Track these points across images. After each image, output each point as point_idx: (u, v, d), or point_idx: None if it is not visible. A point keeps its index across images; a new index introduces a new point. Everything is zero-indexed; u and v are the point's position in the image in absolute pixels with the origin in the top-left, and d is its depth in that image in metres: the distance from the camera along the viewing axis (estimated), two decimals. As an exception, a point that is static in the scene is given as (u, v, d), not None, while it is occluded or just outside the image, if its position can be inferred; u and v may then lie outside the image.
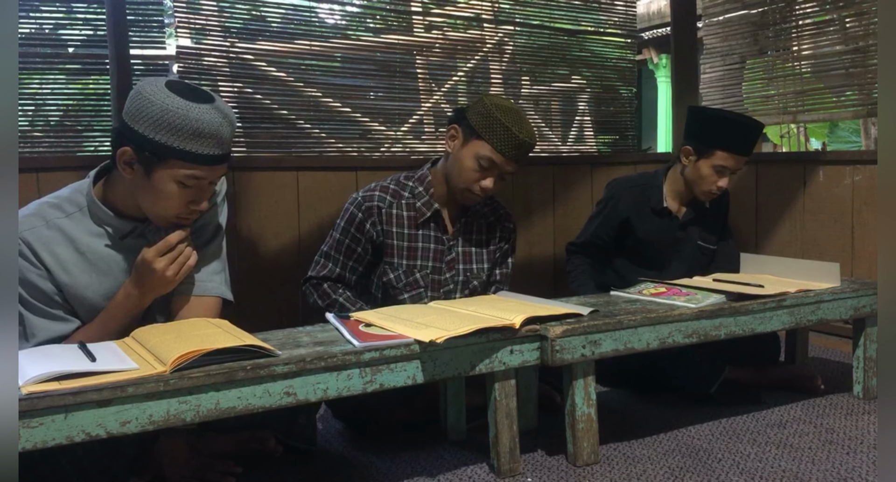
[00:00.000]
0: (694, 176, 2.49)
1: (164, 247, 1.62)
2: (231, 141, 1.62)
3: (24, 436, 1.28)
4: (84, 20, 2.72)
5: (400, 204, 2.14)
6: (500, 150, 2.01)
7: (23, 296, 1.60)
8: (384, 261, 2.13)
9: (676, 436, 2.05)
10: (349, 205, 2.15)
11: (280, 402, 1.49)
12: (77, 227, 1.65)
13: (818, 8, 3.33)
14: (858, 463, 1.83)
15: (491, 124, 2.01)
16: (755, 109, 3.58)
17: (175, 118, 1.51)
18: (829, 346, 3.00)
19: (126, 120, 1.56)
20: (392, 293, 2.14)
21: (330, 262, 2.14)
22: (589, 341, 1.80)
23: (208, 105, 1.55)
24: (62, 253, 1.62)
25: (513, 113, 2.04)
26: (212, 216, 1.78)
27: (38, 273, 1.60)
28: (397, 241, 2.12)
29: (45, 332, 1.62)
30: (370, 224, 2.10)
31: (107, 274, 1.66)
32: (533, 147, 2.07)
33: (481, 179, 2.05)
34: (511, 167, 2.06)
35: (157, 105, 1.51)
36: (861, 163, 3.04)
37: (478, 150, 2.03)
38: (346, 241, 2.12)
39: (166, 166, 1.55)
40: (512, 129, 1.99)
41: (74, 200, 1.67)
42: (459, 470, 1.84)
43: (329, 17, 3.36)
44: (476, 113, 2.05)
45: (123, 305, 1.65)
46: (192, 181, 1.58)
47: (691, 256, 2.60)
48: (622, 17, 3.78)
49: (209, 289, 1.76)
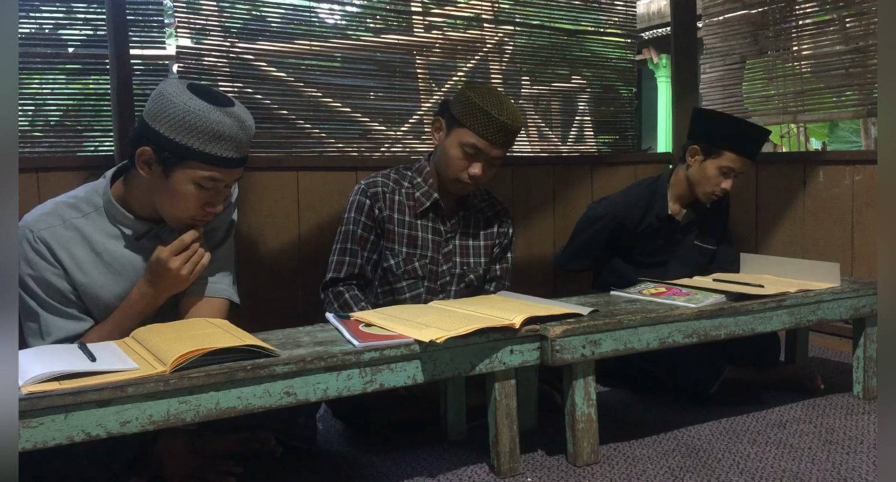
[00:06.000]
0: (699, 176, 2.49)
1: (178, 246, 1.64)
2: (249, 145, 1.65)
3: (24, 436, 1.28)
4: (84, 20, 2.72)
5: (401, 191, 2.14)
6: (482, 135, 2.00)
7: (39, 294, 1.62)
8: (385, 246, 2.12)
9: (676, 436, 2.05)
10: (354, 195, 2.14)
11: (280, 402, 1.49)
12: (93, 227, 1.66)
13: (818, 8, 3.33)
14: (858, 463, 1.83)
15: (471, 110, 2.00)
16: (755, 109, 3.58)
17: (196, 120, 1.53)
18: (829, 346, 3.00)
19: (147, 120, 1.57)
20: (391, 280, 2.14)
21: (347, 257, 2.11)
22: (589, 341, 1.80)
23: (228, 109, 1.58)
24: (78, 252, 1.64)
25: (493, 97, 2.02)
26: (224, 219, 1.80)
27: (55, 271, 1.62)
28: (398, 228, 2.12)
29: (60, 331, 1.63)
30: (377, 208, 2.11)
31: (121, 274, 1.68)
32: (517, 130, 2.04)
33: (468, 167, 2.05)
34: (497, 152, 2.04)
35: (179, 106, 1.53)
36: (861, 163, 3.04)
37: (461, 138, 2.03)
38: (359, 231, 2.11)
39: (185, 167, 1.57)
40: (492, 112, 1.98)
41: (91, 200, 1.68)
42: (459, 470, 1.84)
43: (329, 17, 3.36)
44: (457, 102, 2.05)
45: (138, 304, 1.67)
46: (209, 183, 1.60)
47: (691, 257, 2.60)
48: (622, 17, 3.77)
49: (219, 290, 1.78)
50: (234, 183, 1.72)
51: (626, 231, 2.53)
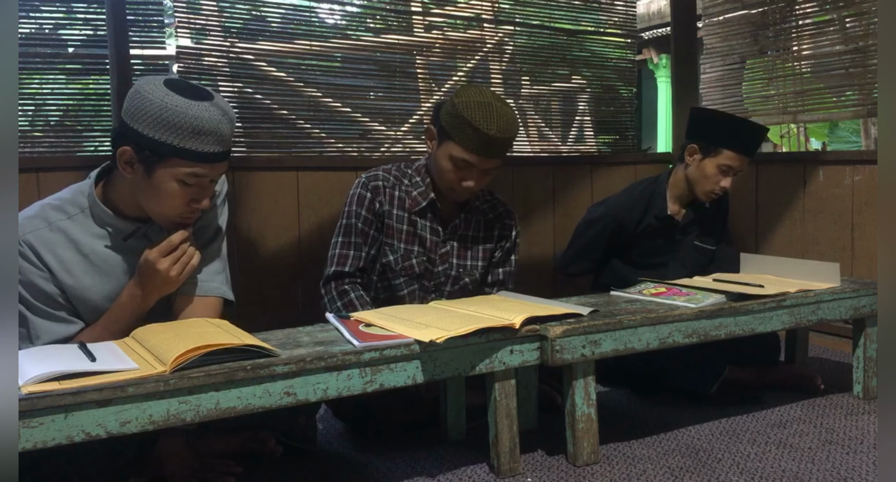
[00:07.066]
0: (698, 175, 2.49)
1: (167, 247, 1.62)
2: (231, 138, 1.62)
3: (24, 436, 1.28)
4: (84, 20, 2.72)
5: (401, 188, 2.13)
6: (472, 150, 1.95)
7: (26, 298, 1.60)
8: (385, 242, 2.11)
9: (676, 436, 2.05)
10: (355, 188, 2.12)
11: (280, 402, 1.49)
12: (79, 229, 1.64)
13: (818, 8, 3.33)
14: (858, 463, 1.83)
15: (459, 124, 1.94)
16: (755, 109, 3.58)
17: (174, 116, 1.51)
18: (829, 346, 3.00)
19: (125, 119, 1.55)
20: (389, 275, 2.12)
21: (352, 250, 2.09)
22: (589, 341, 1.80)
23: (207, 102, 1.55)
24: (65, 255, 1.62)
25: (483, 108, 1.93)
26: (212, 217, 1.78)
27: (41, 275, 1.60)
28: (397, 224, 2.11)
29: (49, 334, 1.61)
30: (378, 202, 2.09)
31: (109, 275, 1.66)
32: (508, 141, 1.97)
33: (461, 180, 2.01)
34: (490, 163, 1.99)
35: (156, 104, 1.51)
36: (861, 163, 3.04)
37: (450, 151, 1.98)
38: (360, 225, 2.09)
39: (167, 165, 1.55)
40: (480, 127, 1.91)
41: (76, 202, 1.67)
42: (459, 470, 1.84)
43: (329, 17, 3.36)
44: (446, 112, 1.99)
45: (128, 306, 1.65)
46: (193, 179, 1.57)
47: (691, 257, 2.60)
48: (622, 17, 3.78)
49: (211, 289, 1.76)
50: (220, 177, 1.70)
51: (626, 232, 2.53)
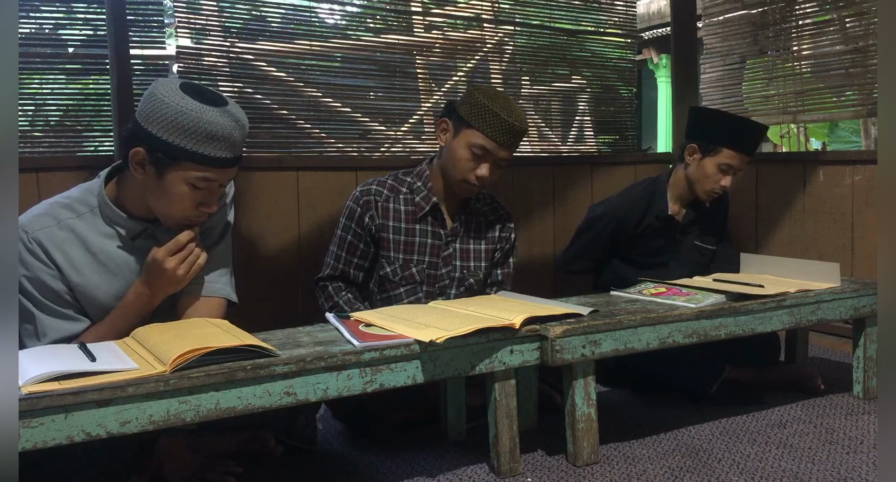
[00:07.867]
0: (698, 174, 2.49)
1: (174, 246, 1.63)
2: (243, 144, 1.64)
3: (24, 436, 1.28)
4: (84, 20, 2.72)
5: (398, 198, 2.15)
6: (491, 137, 2.02)
7: (34, 295, 1.61)
8: (381, 254, 2.14)
9: (676, 436, 2.05)
10: (349, 201, 2.18)
11: (280, 402, 1.49)
12: (88, 228, 1.65)
13: (818, 8, 3.33)
14: (858, 463, 1.83)
15: (481, 112, 2.02)
16: (755, 109, 3.57)
17: (189, 120, 1.52)
18: (829, 346, 3.00)
19: (139, 120, 1.57)
20: (388, 287, 2.15)
21: (333, 260, 2.16)
22: (589, 341, 1.80)
23: (221, 108, 1.57)
24: (73, 253, 1.63)
25: (501, 99, 2.05)
26: (220, 218, 1.80)
27: (50, 273, 1.61)
28: (393, 235, 2.13)
29: (56, 332, 1.62)
30: (368, 217, 2.12)
31: (117, 274, 1.67)
32: (524, 132, 2.08)
33: (476, 168, 2.06)
34: (504, 153, 2.06)
35: (172, 107, 1.53)
36: (861, 163, 3.04)
37: (470, 139, 2.04)
38: (349, 238, 2.15)
39: (178, 168, 1.56)
40: (501, 114, 2.00)
41: (85, 201, 1.68)
42: (459, 470, 1.84)
43: (329, 17, 3.36)
44: (465, 103, 2.07)
45: (134, 305, 1.66)
46: (203, 183, 1.59)
47: (691, 257, 2.60)
48: (622, 17, 3.77)
49: (216, 290, 1.77)
50: (229, 181, 1.72)
51: (626, 232, 2.53)
